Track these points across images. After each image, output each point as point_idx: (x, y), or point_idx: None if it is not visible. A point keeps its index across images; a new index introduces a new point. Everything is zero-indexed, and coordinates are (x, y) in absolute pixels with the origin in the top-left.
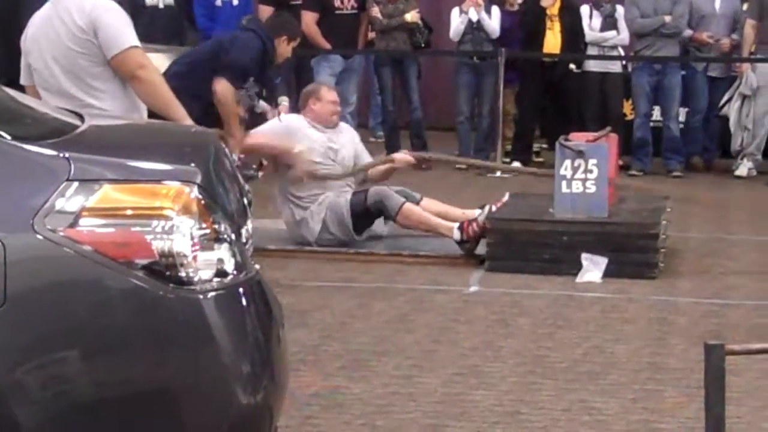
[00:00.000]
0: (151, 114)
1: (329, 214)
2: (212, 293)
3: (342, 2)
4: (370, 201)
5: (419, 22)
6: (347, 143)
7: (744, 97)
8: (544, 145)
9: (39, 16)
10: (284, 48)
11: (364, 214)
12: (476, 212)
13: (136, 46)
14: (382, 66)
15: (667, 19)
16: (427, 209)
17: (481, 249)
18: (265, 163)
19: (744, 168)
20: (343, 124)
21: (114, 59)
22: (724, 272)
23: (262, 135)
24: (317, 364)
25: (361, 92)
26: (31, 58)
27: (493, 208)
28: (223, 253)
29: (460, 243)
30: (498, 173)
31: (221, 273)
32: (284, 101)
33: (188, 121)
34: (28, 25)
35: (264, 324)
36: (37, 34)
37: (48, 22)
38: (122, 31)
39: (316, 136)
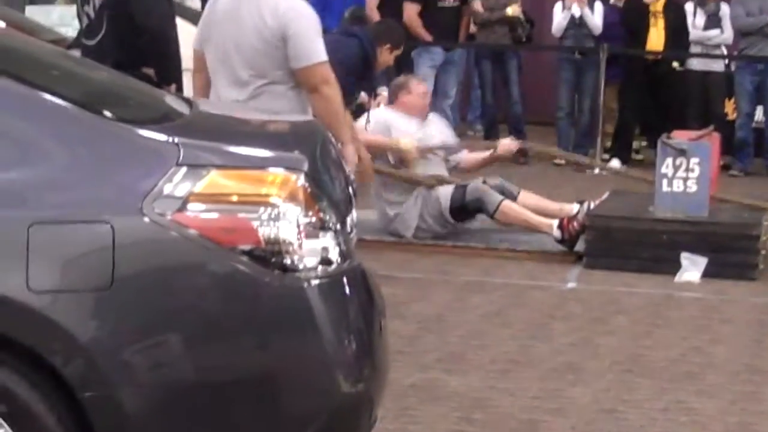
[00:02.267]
0: None
1: (424, 208)
2: (316, 281)
3: None
4: (469, 198)
5: (521, 16)
6: (437, 134)
7: None
8: (644, 143)
9: None
10: (386, 56)
11: (462, 209)
12: (574, 207)
13: (325, 61)
14: (482, 59)
15: None
16: (524, 203)
17: (580, 245)
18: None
19: None
20: (431, 115)
21: (301, 70)
22: None
23: (371, 135)
24: (414, 356)
25: (460, 85)
26: (213, 33)
27: (592, 206)
28: (328, 241)
29: (561, 241)
30: (596, 170)
31: (326, 261)
32: (383, 91)
33: (351, 145)
34: None
35: (366, 313)
36: (224, 16)
37: (237, 9)
38: (314, 42)
39: (408, 128)
